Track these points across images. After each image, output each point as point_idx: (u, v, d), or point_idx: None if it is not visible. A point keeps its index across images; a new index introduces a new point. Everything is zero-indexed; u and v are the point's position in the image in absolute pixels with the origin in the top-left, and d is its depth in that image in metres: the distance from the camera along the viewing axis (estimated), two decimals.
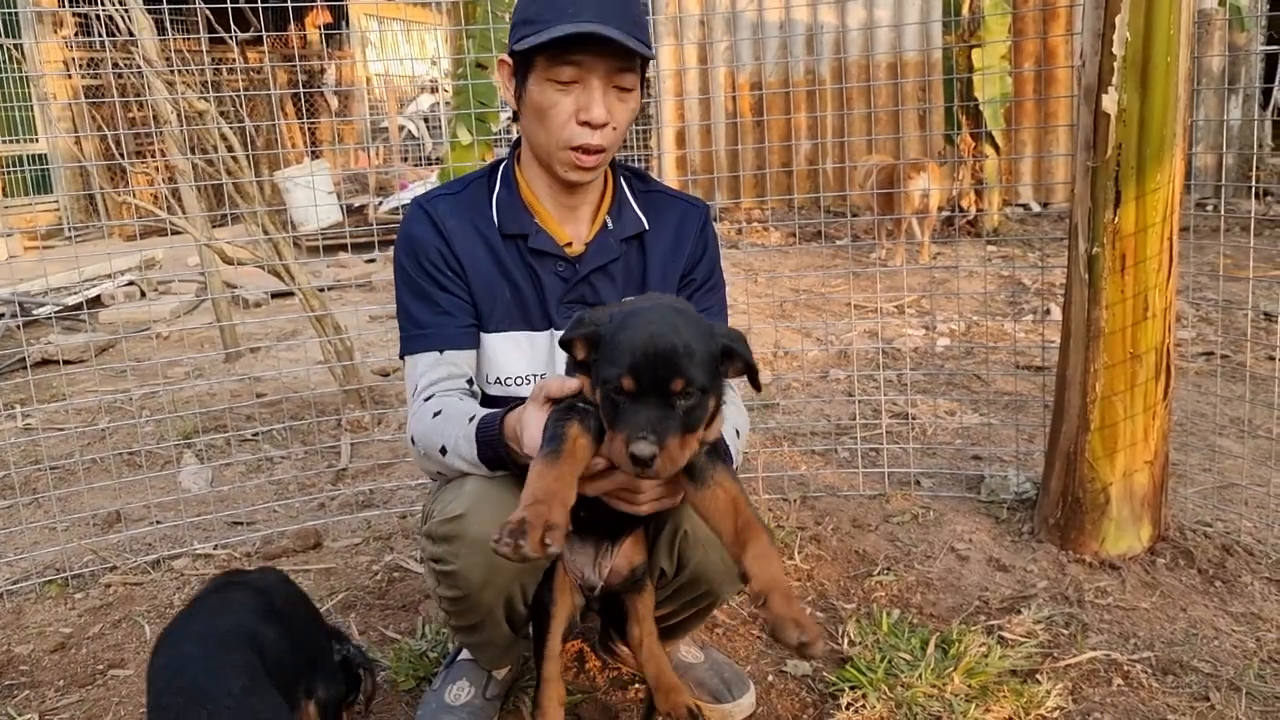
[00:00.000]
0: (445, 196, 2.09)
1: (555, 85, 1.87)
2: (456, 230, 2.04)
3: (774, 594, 1.49)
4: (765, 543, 1.57)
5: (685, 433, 1.52)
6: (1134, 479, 2.86)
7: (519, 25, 1.89)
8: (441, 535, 1.85)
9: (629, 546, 1.96)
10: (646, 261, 2.11)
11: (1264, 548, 2.88)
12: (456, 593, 1.91)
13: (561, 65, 1.85)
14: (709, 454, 1.65)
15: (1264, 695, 2.23)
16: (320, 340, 4.27)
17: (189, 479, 3.86)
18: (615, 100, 1.91)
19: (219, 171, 3.98)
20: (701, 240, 2.17)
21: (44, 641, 2.76)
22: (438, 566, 1.90)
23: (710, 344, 1.56)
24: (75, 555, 3.24)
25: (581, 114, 1.88)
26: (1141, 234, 2.71)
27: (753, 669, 2.44)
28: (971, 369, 4.86)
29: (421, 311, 2.03)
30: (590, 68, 1.86)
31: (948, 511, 3.27)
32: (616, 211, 2.10)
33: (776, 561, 1.56)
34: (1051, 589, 2.75)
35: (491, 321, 2.06)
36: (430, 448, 1.90)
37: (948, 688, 2.26)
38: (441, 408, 1.93)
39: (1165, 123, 2.64)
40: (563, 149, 1.92)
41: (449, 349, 2.02)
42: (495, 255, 2.04)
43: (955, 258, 7.70)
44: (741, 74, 10.36)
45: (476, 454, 1.82)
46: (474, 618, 1.98)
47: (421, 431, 1.93)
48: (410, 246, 2.05)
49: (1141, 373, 2.79)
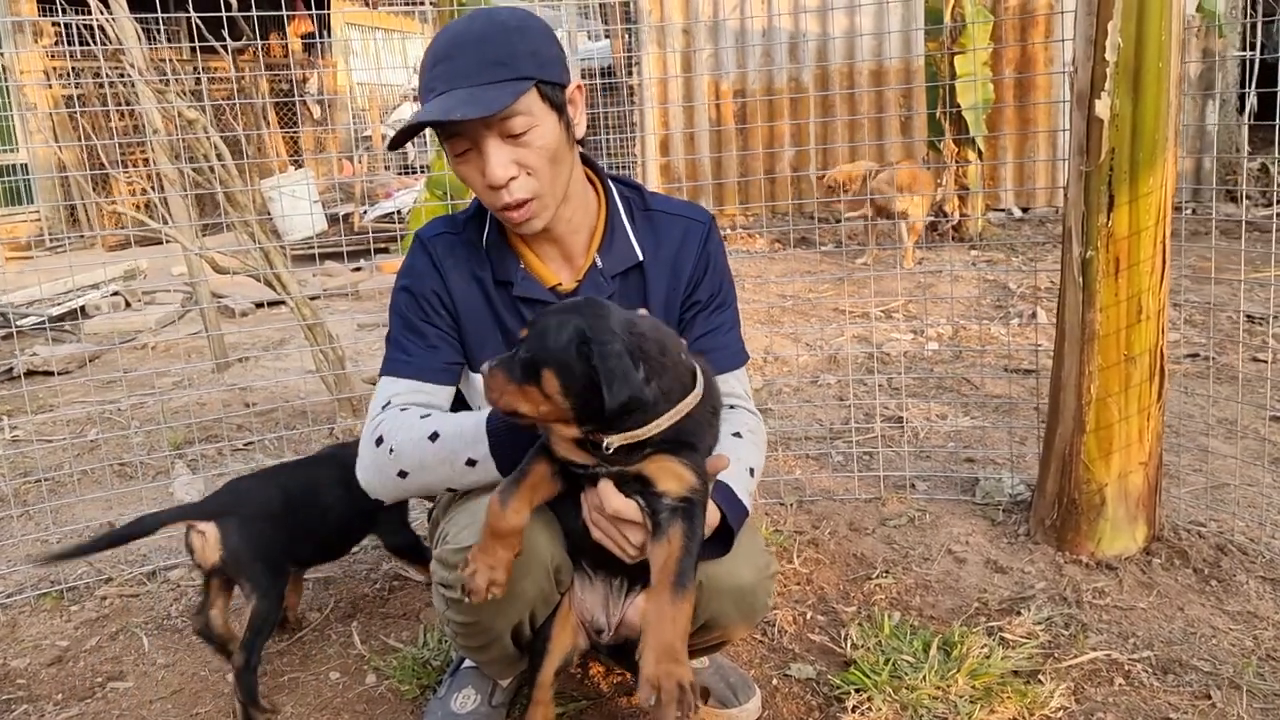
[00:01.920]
0: (446, 235, 2.06)
1: (458, 159, 1.84)
2: (453, 271, 2.02)
3: (648, 651, 1.59)
4: (663, 598, 1.63)
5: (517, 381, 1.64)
6: (1129, 480, 2.88)
7: None
8: (454, 564, 1.82)
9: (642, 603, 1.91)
10: (648, 290, 2.06)
11: (1257, 547, 2.91)
12: (466, 619, 1.91)
13: (449, 141, 1.82)
14: (673, 513, 1.68)
15: (1264, 692, 2.26)
16: (313, 349, 4.25)
17: (181, 489, 3.83)
18: (515, 148, 1.80)
19: (208, 180, 3.97)
20: (704, 257, 2.09)
21: (40, 655, 2.74)
22: (448, 593, 1.88)
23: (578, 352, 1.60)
24: (69, 567, 3.22)
25: (485, 179, 1.83)
26: (1135, 237, 2.74)
27: (756, 673, 2.45)
28: (961, 372, 4.89)
29: (410, 342, 2.02)
30: (472, 132, 1.78)
31: (943, 514, 3.29)
32: (608, 245, 2.04)
33: (666, 615, 1.62)
34: (1049, 590, 2.77)
35: (482, 361, 2.04)
36: (412, 437, 1.86)
37: (952, 689, 2.28)
38: (428, 413, 1.92)
39: (1157, 128, 2.67)
40: (497, 211, 1.90)
41: (429, 382, 2.00)
42: (488, 299, 2.03)
43: (940, 262, 7.75)
44: (725, 81, 10.40)
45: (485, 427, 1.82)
46: (483, 640, 1.97)
47: (399, 427, 1.88)
48: (408, 280, 2.04)
49: (1136, 375, 2.82)
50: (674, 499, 1.68)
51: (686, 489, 1.68)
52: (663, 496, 1.68)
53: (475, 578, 1.69)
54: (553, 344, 1.61)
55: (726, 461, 1.78)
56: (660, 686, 1.53)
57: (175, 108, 3.74)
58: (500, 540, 1.71)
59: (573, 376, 1.59)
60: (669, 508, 1.68)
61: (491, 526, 1.71)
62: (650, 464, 1.68)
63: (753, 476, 1.96)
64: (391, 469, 1.89)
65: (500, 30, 1.79)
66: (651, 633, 1.61)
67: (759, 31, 10.20)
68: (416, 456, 1.86)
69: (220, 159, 3.79)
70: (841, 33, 9.99)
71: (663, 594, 1.63)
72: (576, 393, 1.60)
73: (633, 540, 1.73)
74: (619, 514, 1.70)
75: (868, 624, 2.60)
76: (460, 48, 1.78)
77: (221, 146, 3.96)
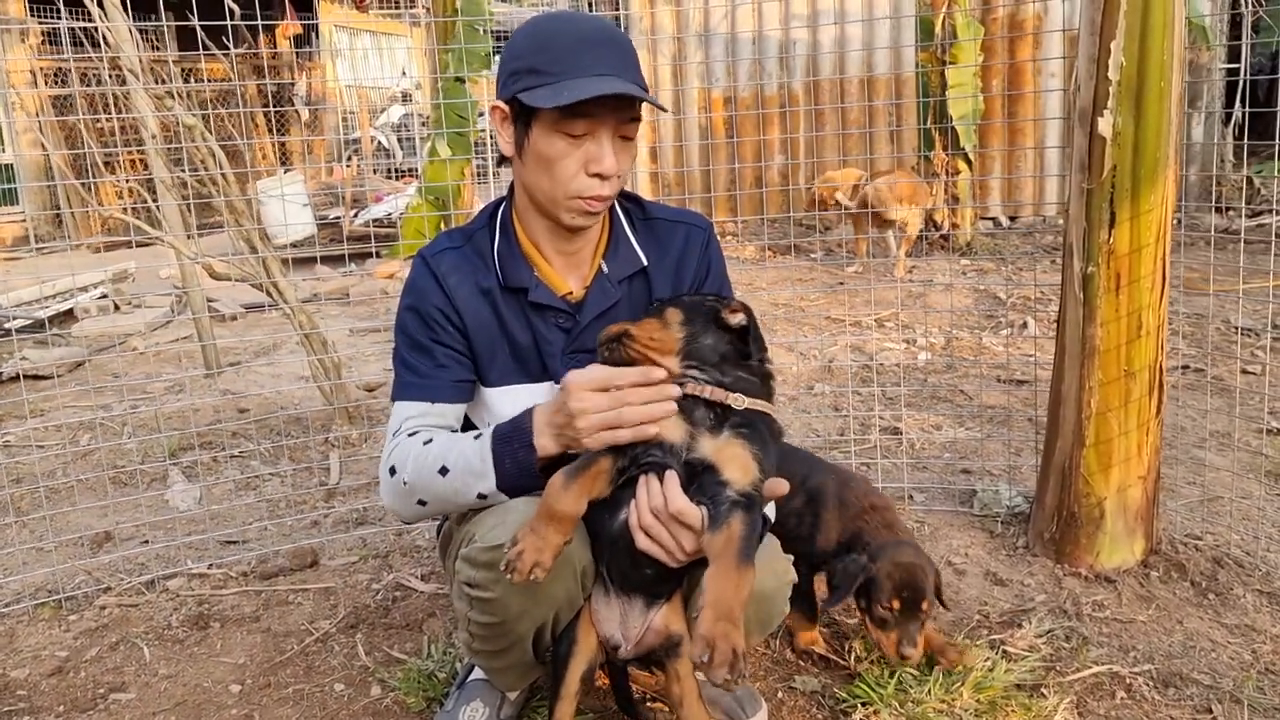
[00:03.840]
0: (449, 251, 2.07)
1: (567, 138, 1.85)
2: (458, 287, 2.03)
3: (708, 609, 1.58)
4: (728, 563, 1.63)
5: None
6: (1128, 494, 2.91)
7: (522, 74, 1.85)
8: (484, 562, 1.84)
9: (667, 613, 1.94)
10: (652, 294, 2.10)
11: (1253, 560, 2.95)
12: (491, 619, 1.91)
13: (575, 119, 1.82)
14: (733, 505, 1.69)
15: (1265, 707, 2.28)
16: (310, 358, 4.24)
17: (177, 497, 3.82)
18: (621, 149, 1.90)
19: (204, 186, 3.96)
20: (705, 260, 2.16)
21: (40, 665, 2.72)
22: (474, 592, 1.89)
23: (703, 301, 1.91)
24: (67, 576, 3.20)
25: (593, 166, 1.86)
26: (1135, 254, 2.76)
27: (762, 686, 2.46)
28: (953, 383, 4.92)
29: (419, 362, 2.03)
30: (603, 120, 1.84)
31: (942, 526, 3.31)
32: (613, 252, 2.09)
33: (730, 580, 1.61)
34: (1050, 602, 2.79)
35: (492, 375, 2.06)
36: (422, 471, 1.88)
37: (957, 703, 2.29)
38: (433, 437, 1.93)
39: (1159, 145, 2.70)
40: (570, 198, 1.91)
41: (441, 401, 2.01)
42: (496, 310, 2.04)
43: (931, 272, 7.79)
44: (715, 90, 10.43)
45: (491, 462, 1.83)
46: (503, 643, 1.98)
47: (409, 457, 1.90)
48: (413, 299, 2.05)
49: (1135, 389, 2.85)
50: (736, 491, 1.69)
51: (750, 483, 1.70)
52: (726, 487, 1.70)
53: (522, 556, 1.67)
54: (681, 299, 1.92)
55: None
56: (715, 645, 1.51)
57: (174, 115, 3.73)
58: (554, 523, 1.71)
59: (694, 314, 1.83)
60: (729, 500, 1.69)
61: (549, 507, 1.71)
62: (724, 450, 1.72)
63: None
64: (410, 498, 1.93)
65: (628, 41, 1.92)
66: (713, 592, 1.60)
67: (749, 42, 10.23)
68: (430, 490, 1.90)
69: (220, 166, 3.78)
70: (832, 44, 10.05)
71: (729, 561, 1.62)
72: (694, 324, 1.81)
73: (686, 545, 1.72)
74: (680, 515, 1.70)
75: (869, 638, 2.61)
76: (610, 42, 1.86)
77: (219, 152, 3.95)
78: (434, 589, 3.03)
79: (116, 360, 6.10)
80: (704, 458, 1.73)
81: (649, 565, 1.80)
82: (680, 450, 1.74)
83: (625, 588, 1.90)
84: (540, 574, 1.69)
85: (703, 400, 1.77)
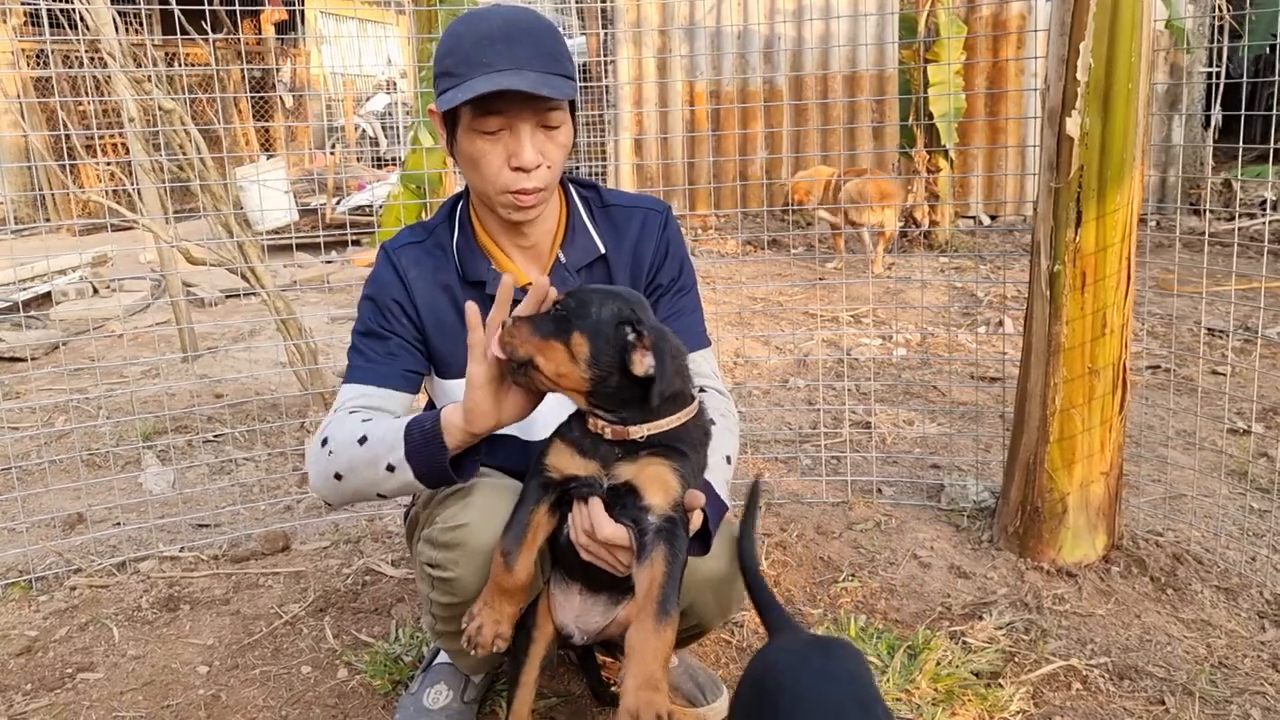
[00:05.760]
0: (411, 246, 2.09)
1: (483, 135, 1.87)
2: (418, 281, 2.05)
3: (630, 679, 1.60)
4: (647, 625, 1.64)
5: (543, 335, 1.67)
6: (1090, 489, 2.96)
7: (439, 78, 1.88)
8: (444, 542, 1.87)
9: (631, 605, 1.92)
10: (613, 281, 2.13)
11: (1212, 557, 3.00)
12: (451, 599, 1.93)
13: (486, 116, 1.84)
14: (657, 534, 1.70)
15: (1215, 699, 2.33)
16: (286, 344, 4.25)
17: (151, 480, 3.83)
18: (545, 140, 1.89)
19: (183, 171, 3.96)
20: (664, 242, 2.17)
21: (9, 644, 2.73)
22: (435, 573, 1.91)
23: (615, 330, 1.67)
24: (38, 557, 3.21)
25: (513, 160, 1.87)
26: (1101, 253, 2.80)
27: (724, 673, 2.49)
28: (928, 379, 4.96)
29: (370, 348, 2.04)
30: (516, 114, 1.85)
31: (909, 519, 3.35)
32: (570, 241, 2.10)
33: (650, 644, 1.63)
34: (1011, 595, 2.83)
35: (453, 368, 2.07)
36: (346, 440, 1.86)
37: (915, 692, 2.33)
38: (370, 417, 1.93)
39: (1125, 146, 2.74)
40: (500, 194, 1.92)
41: (386, 387, 2.02)
42: (456, 304, 2.05)
43: (909, 269, 7.84)
44: (700, 84, 10.45)
45: (403, 433, 1.80)
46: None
47: (342, 429, 1.89)
48: (373, 289, 2.07)
49: (1099, 387, 2.89)
50: (658, 517, 1.70)
51: (671, 503, 1.70)
52: (649, 512, 1.70)
53: (482, 631, 1.74)
54: (594, 314, 1.68)
55: (702, 499, 1.78)
56: (638, 717, 1.55)
57: (154, 99, 3.73)
58: (507, 596, 1.76)
59: (603, 349, 1.66)
60: (653, 528, 1.70)
61: (499, 584, 1.75)
62: (643, 470, 1.71)
63: (729, 464, 2.02)
64: (330, 470, 1.89)
65: (548, 29, 1.89)
66: (634, 661, 1.62)
67: (735, 36, 10.26)
68: (347, 458, 1.86)
69: (199, 151, 3.78)
70: (817, 40, 10.08)
71: (646, 623, 1.65)
72: (600, 365, 1.66)
73: (624, 560, 1.75)
74: (609, 540, 1.71)
75: (834, 626, 2.65)
76: (519, 34, 1.84)
77: (198, 137, 3.95)
78: (404, 574, 3.06)
79: (93, 344, 6.09)
80: (624, 480, 1.73)
81: (602, 572, 1.81)
82: (599, 481, 1.74)
83: (590, 586, 1.92)
84: (502, 645, 1.77)
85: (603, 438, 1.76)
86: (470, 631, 1.75)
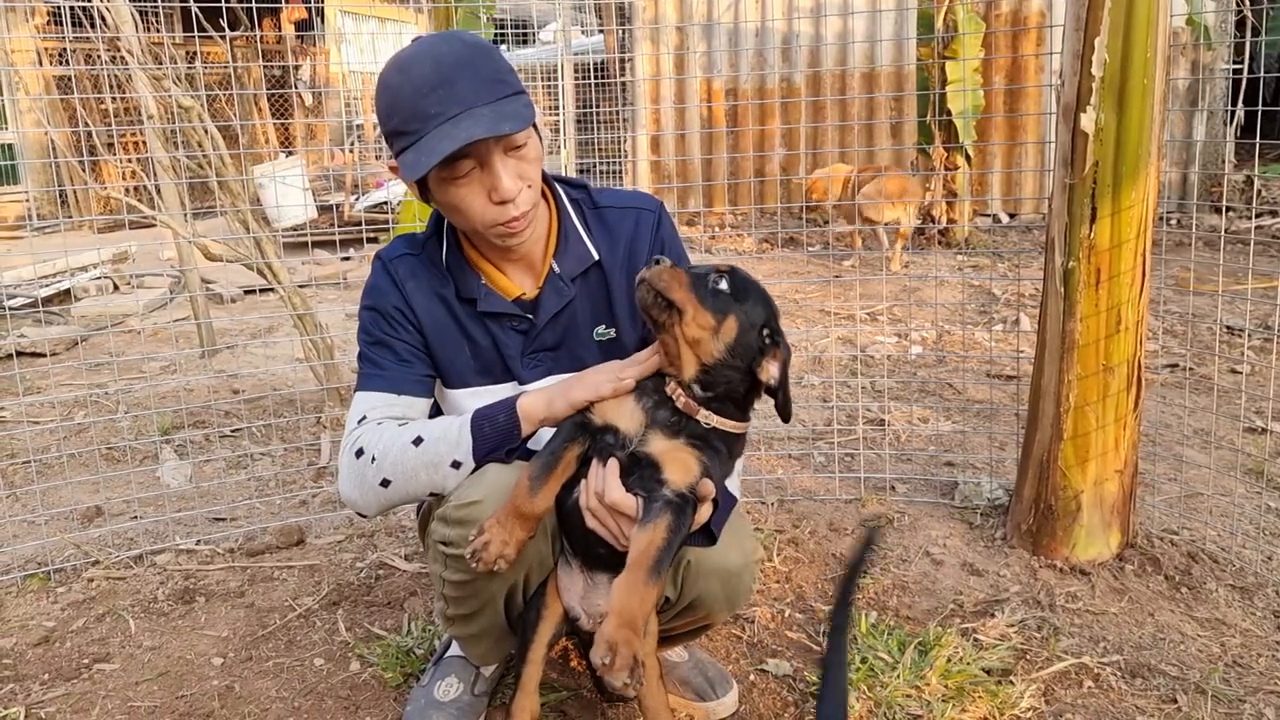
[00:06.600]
0: (406, 256, 2.08)
1: (456, 182, 1.84)
2: (415, 292, 2.05)
3: (613, 615, 1.63)
4: (637, 576, 1.68)
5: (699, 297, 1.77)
6: (1104, 487, 2.94)
7: (391, 137, 1.85)
8: (457, 519, 1.87)
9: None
10: (610, 285, 2.11)
11: (1228, 555, 2.98)
12: (463, 577, 1.94)
13: (455, 163, 1.80)
14: (665, 505, 1.74)
15: (1228, 698, 2.32)
16: (303, 340, 4.27)
17: (169, 474, 3.86)
18: (517, 162, 1.85)
19: (202, 168, 3.99)
20: (658, 242, 2.16)
21: (27, 635, 2.77)
22: (448, 550, 1.92)
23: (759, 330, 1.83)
24: (56, 549, 3.24)
25: (494, 195, 1.84)
26: (1116, 250, 2.79)
27: (734, 668, 2.50)
28: (944, 377, 4.95)
29: (381, 356, 2.04)
30: (481, 152, 1.80)
31: (922, 516, 3.34)
32: (563, 250, 2.07)
33: (636, 593, 1.66)
34: (1024, 593, 2.82)
35: (455, 378, 2.07)
36: (394, 445, 1.88)
37: (925, 689, 2.33)
38: (404, 421, 1.94)
39: (1141, 142, 2.73)
40: (490, 229, 1.90)
41: (406, 394, 2.01)
42: (454, 315, 2.05)
43: (927, 267, 7.82)
44: (717, 81, 10.44)
45: (469, 429, 1.86)
46: (475, 604, 2.01)
47: (381, 437, 1.90)
48: (372, 299, 2.07)
49: (1113, 384, 2.88)
50: (672, 492, 1.73)
51: (687, 484, 1.74)
52: (663, 486, 1.74)
53: (488, 547, 1.74)
54: (751, 306, 1.81)
55: (714, 490, 1.82)
56: (617, 650, 1.57)
57: (172, 96, 3.76)
58: (520, 520, 1.77)
59: (746, 342, 1.77)
60: (663, 499, 1.73)
61: (517, 507, 1.77)
62: (672, 451, 1.75)
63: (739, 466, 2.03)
64: (375, 479, 1.90)
65: (478, 50, 1.82)
66: (619, 599, 1.65)
67: (752, 33, 10.24)
68: (400, 463, 1.88)
69: (216, 148, 3.81)
70: (835, 36, 10.06)
71: (637, 573, 1.68)
72: (735, 353, 1.77)
73: (627, 531, 1.78)
74: (616, 505, 1.76)
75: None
76: (452, 71, 1.78)
77: (216, 135, 3.98)
78: (416, 568, 3.07)
79: (113, 339, 6.14)
80: (650, 454, 1.77)
81: (600, 545, 1.84)
82: (629, 440, 1.78)
83: (590, 564, 1.94)
84: (504, 565, 1.76)
85: (671, 405, 1.81)
86: (477, 544, 1.74)
